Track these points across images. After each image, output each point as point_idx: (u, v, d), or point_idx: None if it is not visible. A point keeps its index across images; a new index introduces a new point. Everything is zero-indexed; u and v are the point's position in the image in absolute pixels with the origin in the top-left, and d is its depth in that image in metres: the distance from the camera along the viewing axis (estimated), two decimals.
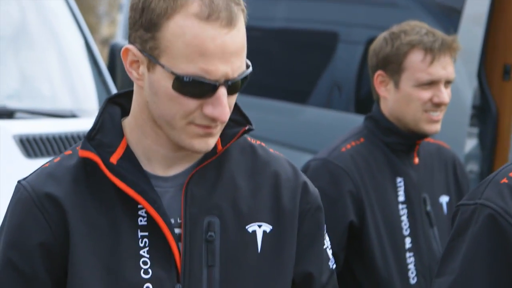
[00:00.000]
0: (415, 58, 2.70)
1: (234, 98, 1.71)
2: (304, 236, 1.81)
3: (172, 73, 1.63)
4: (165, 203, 1.71)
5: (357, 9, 6.02)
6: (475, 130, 5.20)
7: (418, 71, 2.70)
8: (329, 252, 1.87)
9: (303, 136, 5.80)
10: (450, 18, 5.34)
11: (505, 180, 1.63)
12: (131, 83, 1.74)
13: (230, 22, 1.64)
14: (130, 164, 1.71)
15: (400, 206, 2.73)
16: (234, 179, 1.76)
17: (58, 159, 1.76)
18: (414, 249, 2.71)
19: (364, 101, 5.43)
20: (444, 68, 2.71)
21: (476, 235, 1.60)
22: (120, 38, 7.61)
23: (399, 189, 2.75)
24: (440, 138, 4.80)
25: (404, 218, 2.73)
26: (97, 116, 1.75)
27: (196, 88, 1.63)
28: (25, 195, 1.71)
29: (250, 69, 1.70)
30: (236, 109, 1.80)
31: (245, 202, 1.75)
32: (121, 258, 1.68)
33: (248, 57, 1.73)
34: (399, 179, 2.76)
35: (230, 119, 1.76)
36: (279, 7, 6.56)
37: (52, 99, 4.32)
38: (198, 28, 1.62)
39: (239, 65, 1.66)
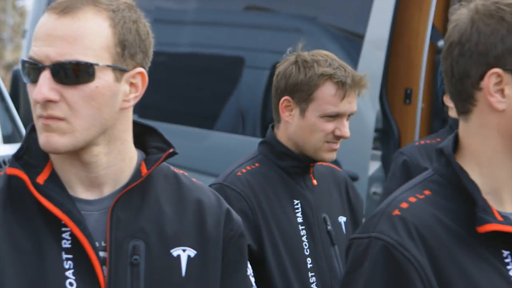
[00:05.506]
0: (327, 91, 2.74)
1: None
2: (228, 262, 1.83)
3: None
4: (90, 226, 1.71)
5: (262, 34, 6.08)
6: (378, 152, 5.30)
7: (327, 103, 2.74)
8: (252, 279, 1.90)
9: (210, 161, 5.82)
10: (352, 43, 5.45)
11: (397, 212, 1.62)
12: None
13: None
14: (56, 186, 1.71)
15: (300, 227, 2.77)
16: (159, 204, 1.77)
17: None
18: (315, 269, 2.75)
19: None
20: (350, 103, 2.77)
21: (372, 269, 1.60)
22: None
23: (297, 211, 2.78)
24: (344, 162, 4.88)
25: (305, 239, 2.76)
26: (24, 138, 1.76)
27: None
28: None
29: None
30: (158, 136, 1.83)
31: (170, 226, 1.76)
32: (47, 280, 1.67)
33: (153, 82, 1.73)
34: (296, 201, 2.79)
35: (152, 146, 1.80)
36: (185, 32, 6.57)
37: None
38: None
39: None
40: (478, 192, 1.62)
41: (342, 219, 2.89)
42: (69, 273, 1.68)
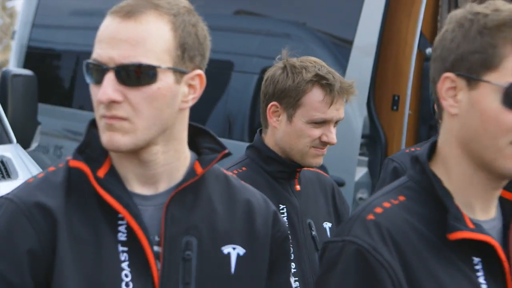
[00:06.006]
0: (315, 97, 2.75)
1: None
2: (274, 263, 1.88)
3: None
4: (145, 220, 1.76)
5: (251, 39, 6.09)
6: (365, 158, 5.33)
7: (314, 110, 2.75)
8: (292, 280, 1.92)
9: None
10: (341, 49, 5.47)
11: (371, 217, 1.65)
12: (22, 111, 1.76)
13: None
14: (115, 180, 1.77)
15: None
16: (211, 202, 1.83)
17: (42, 174, 1.81)
18: (298, 274, 2.76)
19: None
20: (338, 109, 2.78)
21: (344, 272, 1.63)
22: (12, 65, 7.50)
23: (282, 216, 2.79)
24: (330, 167, 4.90)
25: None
26: (85, 133, 1.82)
27: None
28: (11, 206, 1.74)
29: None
30: (211, 137, 1.89)
31: (221, 224, 1.82)
32: (104, 271, 1.73)
33: None
34: (281, 206, 2.81)
35: (205, 147, 1.87)
36: None
37: None
38: None
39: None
40: (450, 199, 1.64)
41: (327, 225, 2.90)
42: (124, 265, 1.74)
